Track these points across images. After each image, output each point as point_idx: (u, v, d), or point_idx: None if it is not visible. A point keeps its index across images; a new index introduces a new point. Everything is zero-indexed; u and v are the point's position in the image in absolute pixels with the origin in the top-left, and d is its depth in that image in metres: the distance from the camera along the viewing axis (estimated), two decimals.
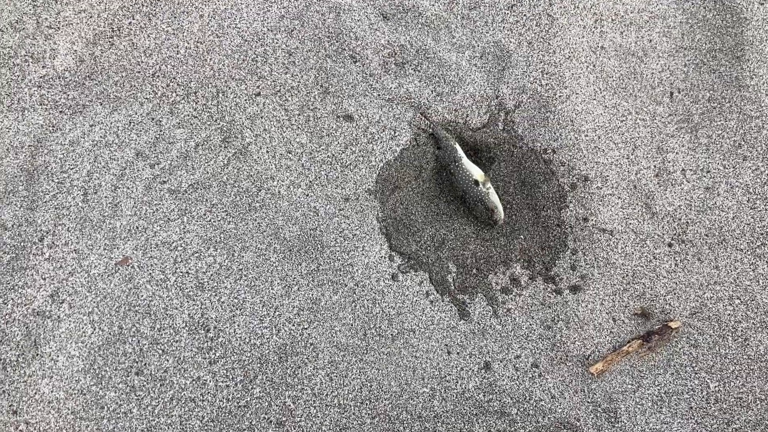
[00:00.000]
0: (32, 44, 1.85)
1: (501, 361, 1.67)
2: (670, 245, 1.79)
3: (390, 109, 1.85)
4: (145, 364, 1.60)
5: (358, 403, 1.61)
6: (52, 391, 1.57)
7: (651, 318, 1.73)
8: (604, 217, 1.80)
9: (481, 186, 1.73)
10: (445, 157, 1.77)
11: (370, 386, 1.63)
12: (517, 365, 1.68)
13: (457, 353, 1.67)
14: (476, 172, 1.74)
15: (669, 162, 1.86)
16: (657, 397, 1.68)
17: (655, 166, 1.85)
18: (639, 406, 1.67)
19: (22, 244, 1.67)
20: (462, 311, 1.71)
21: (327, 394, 1.61)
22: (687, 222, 1.80)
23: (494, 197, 1.74)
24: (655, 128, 1.89)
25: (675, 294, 1.75)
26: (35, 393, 1.57)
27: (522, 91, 1.90)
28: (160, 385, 1.59)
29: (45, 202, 1.71)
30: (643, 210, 1.81)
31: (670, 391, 1.68)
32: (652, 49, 1.99)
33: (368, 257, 1.72)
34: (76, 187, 1.72)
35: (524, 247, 1.77)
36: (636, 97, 1.92)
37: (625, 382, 1.68)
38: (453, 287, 1.73)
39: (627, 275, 1.76)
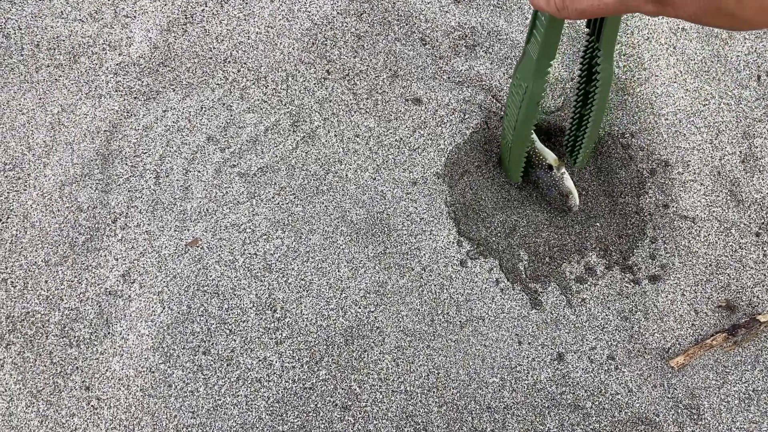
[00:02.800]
0: (110, 33, 1.88)
1: (575, 353, 1.59)
2: (757, 234, 1.66)
3: (460, 92, 1.79)
4: (212, 344, 1.58)
5: (425, 391, 1.55)
6: (122, 369, 1.57)
7: (737, 311, 1.61)
8: (686, 204, 1.69)
9: (555, 171, 1.65)
10: None
11: (438, 374, 1.56)
12: (592, 357, 1.58)
13: (529, 343, 1.59)
14: (550, 157, 1.66)
15: (756, 148, 1.73)
16: (744, 394, 1.55)
17: (740, 152, 1.73)
18: (724, 404, 1.55)
19: (96, 225, 1.69)
20: (534, 300, 1.63)
21: (393, 380, 1.56)
22: None
23: (569, 182, 1.65)
24: (741, 113, 1.77)
25: (764, 286, 1.62)
26: (107, 370, 1.57)
27: None
28: (227, 365, 1.56)
29: (119, 185, 1.72)
30: (728, 197, 1.69)
31: (759, 388, 1.55)
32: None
33: (436, 242, 1.66)
34: (148, 171, 1.73)
35: (600, 236, 1.68)
36: (720, 81, 1.80)
37: (709, 377, 1.57)
38: (524, 275, 1.65)
39: (710, 265, 1.64)
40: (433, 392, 1.55)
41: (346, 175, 1.72)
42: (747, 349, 1.58)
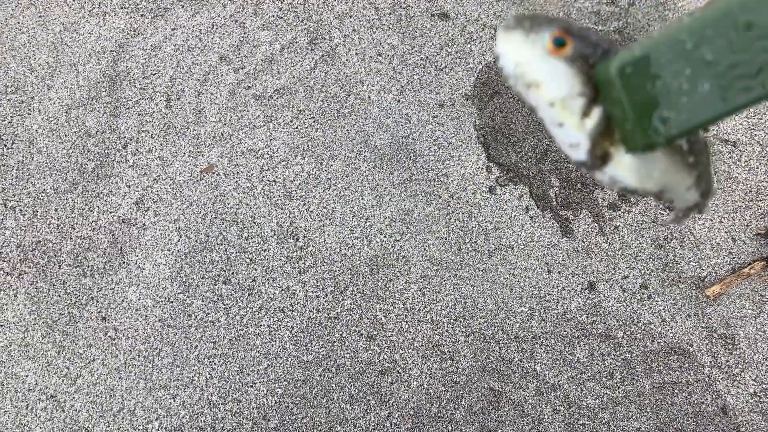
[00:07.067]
0: None
1: (606, 282, 1.46)
2: None
3: (490, 5, 1.60)
4: (232, 273, 1.45)
5: (452, 320, 1.44)
6: (139, 299, 1.45)
7: None
8: (727, 127, 1.53)
9: None
10: None
11: (465, 303, 1.45)
12: (625, 286, 1.46)
13: (559, 272, 1.47)
14: None
15: None
16: None
17: None
18: (760, 333, 1.44)
19: (106, 151, 1.54)
20: (564, 228, 1.49)
21: (419, 310, 1.44)
22: None
23: None
24: None
25: None
26: (123, 300, 1.45)
27: None
28: (248, 295, 1.44)
29: (128, 108, 1.56)
30: None
31: None
32: None
33: (464, 168, 1.51)
34: (158, 93, 1.57)
35: None
36: None
37: (745, 306, 1.45)
38: (555, 202, 1.51)
39: (750, 191, 1.50)
40: (460, 322, 1.44)
41: (369, 97, 1.56)
42: None
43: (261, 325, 1.43)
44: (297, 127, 1.54)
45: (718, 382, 1.42)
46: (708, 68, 0.39)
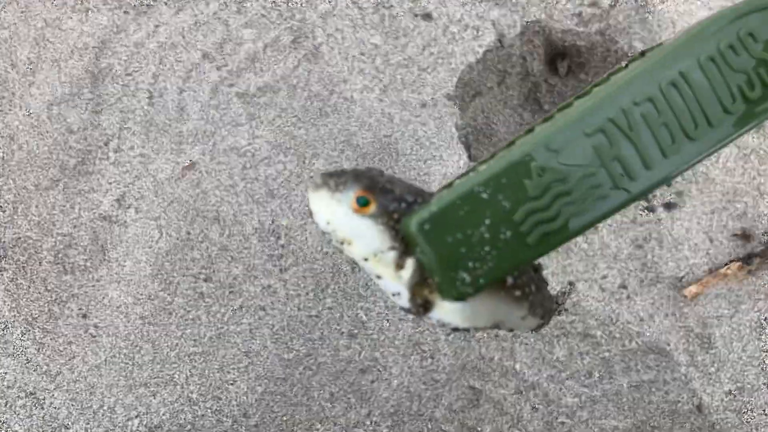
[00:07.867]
0: None
1: (586, 281, 1.47)
2: None
3: (473, 6, 1.60)
4: (213, 271, 1.45)
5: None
6: (120, 296, 1.44)
7: (752, 239, 1.49)
8: None
9: None
10: None
11: None
12: (604, 286, 1.47)
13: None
14: None
15: None
16: (756, 323, 1.46)
17: None
18: (736, 333, 1.45)
19: (87, 148, 1.53)
20: None
21: (400, 309, 1.44)
22: None
23: None
24: None
25: None
26: (103, 297, 1.45)
27: None
28: (229, 293, 1.44)
29: (110, 105, 1.55)
30: None
31: None
32: None
33: (446, 167, 1.52)
34: (141, 90, 1.56)
35: None
36: None
37: (722, 306, 1.46)
38: None
39: (727, 193, 1.51)
40: None
41: (352, 96, 1.55)
42: (761, 278, 1.48)
43: (242, 323, 1.43)
44: (279, 126, 1.53)
45: (694, 381, 1.43)
46: (507, 216, 0.39)
